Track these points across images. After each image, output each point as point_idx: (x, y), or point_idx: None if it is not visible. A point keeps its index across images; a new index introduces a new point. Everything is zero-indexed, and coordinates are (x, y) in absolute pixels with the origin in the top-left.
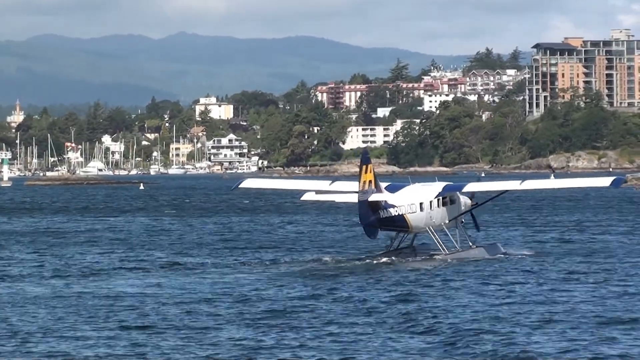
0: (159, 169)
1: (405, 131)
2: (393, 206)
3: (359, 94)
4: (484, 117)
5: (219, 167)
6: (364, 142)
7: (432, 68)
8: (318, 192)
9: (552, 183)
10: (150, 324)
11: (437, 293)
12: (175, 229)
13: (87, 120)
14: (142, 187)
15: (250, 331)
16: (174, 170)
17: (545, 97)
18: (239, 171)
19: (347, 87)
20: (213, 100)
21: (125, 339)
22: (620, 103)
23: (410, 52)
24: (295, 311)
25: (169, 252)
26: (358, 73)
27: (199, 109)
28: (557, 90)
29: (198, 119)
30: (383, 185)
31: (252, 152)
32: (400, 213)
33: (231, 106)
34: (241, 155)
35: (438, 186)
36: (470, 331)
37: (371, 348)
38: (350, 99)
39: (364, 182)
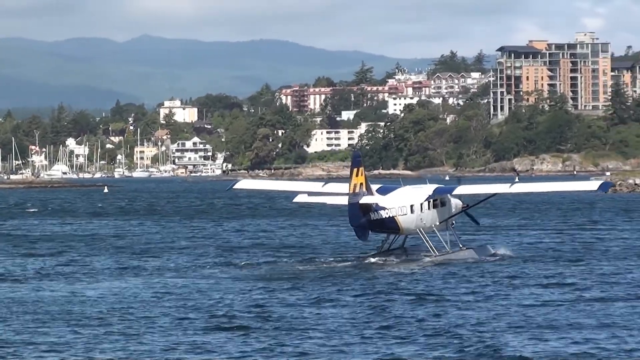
0: (123, 172)
1: (370, 134)
2: (384, 208)
3: (323, 97)
4: (448, 120)
5: (183, 171)
6: (328, 145)
7: (397, 71)
8: (310, 194)
9: (541, 187)
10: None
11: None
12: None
13: (51, 124)
14: (106, 190)
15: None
16: (138, 174)
17: (509, 100)
18: (203, 174)
19: (311, 90)
20: (177, 103)
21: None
22: (585, 106)
23: (375, 55)
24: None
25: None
26: (323, 76)
27: (163, 112)
28: (521, 93)
29: (162, 122)
30: (374, 187)
31: (217, 155)
32: (391, 215)
33: (195, 109)
34: (205, 158)
35: (429, 189)
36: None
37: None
38: (314, 102)
39: (355, 184)
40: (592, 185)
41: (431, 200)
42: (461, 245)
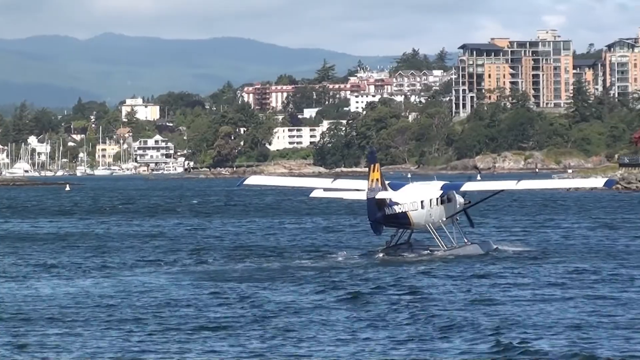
0: (85, 170)
1: (332, 132)
2: (397, 204)
3: (285, 94)
4: (410, 118)
5: (145, 168)
6: (290, 143)
7: (359, 69)
8: (326, 189)
9: (548, 183)
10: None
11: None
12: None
13: (12, 121)
14: (68, 188)
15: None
16: (100, 172)
17: (471, 97)
18: (165, 172)
19: (273, 88)
20: (139, 101)
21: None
22: (547, 104)
23: (337, 53)
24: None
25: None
26: (284, 74)
27: (125, 110)
28: (483, 91)
29: (124, 120)
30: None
31: (179, 153)
32: (404, 210)
33: (157, 107)
34: (167, 156)
35: (437, 185)
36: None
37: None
38: (276, 99)
39: (372, 180)
40: (598, 182)
41: (439, 196)
42: (466, 240)
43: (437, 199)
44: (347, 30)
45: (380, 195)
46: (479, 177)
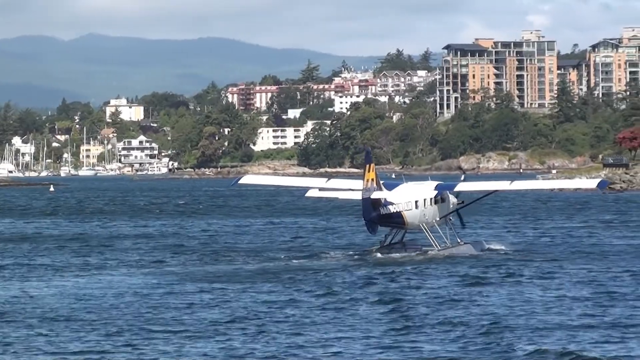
0: (70, 171)
1: (316, 132)
2: (392, 203)
3: (269, 95)
4: (394, 118)
5: (130, 169)
6: (274, 143)
7: (343, 69)
8: (322, 189)
9: (542, 184)
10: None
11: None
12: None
13: None
14: (52, 189)
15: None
16: (84, 172)
17: (455, 98)
18: (149, 173)
19: (257, 88)
20: (123, 101)
21: None
22: (531, 104)
23: (321, 53)
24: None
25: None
26: (269, 74)
27: (109, 110)
28: (467, 91)
29: (108, 120)
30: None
31: (163, 154)
32: (398, 210)
33: (141, 108)
34: (151, 156)
35: (431, 185)
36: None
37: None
38: (260, 100)
39: (367, 180)
40: (591, 183)
41: (433, 196)
42: (459, 240)
43: (431, 199)
44: (331, 31)
45: (376, 195)
46: (462, 178)
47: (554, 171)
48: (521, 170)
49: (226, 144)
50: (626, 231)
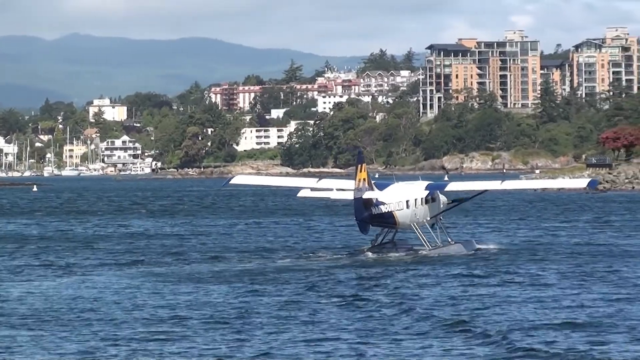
0: (53, 171)
1: (299, 132)
2: (383, 203)
3: (252, 95)
4: (377, 118)
5: (113, 169)
6: (257, 143)
7: (326, 69)
8: (313, 189)
9: (532, 183)
10: None
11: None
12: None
13: None
14: (35, 189)
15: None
16: (67, 172)
17: (439, 98)
18: (133, 173)
19: (241, 88)
20: (107, 101)
21: None
22: (514, 104)
23: (304, 54)
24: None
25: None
26: (252, 74)
27: (92, 110)
28: (451, 91)
29: (92, 120)
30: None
31: (146, 154)
32: (390, 210)
33: (125, 108)
34: (135, 157)
35: (422, 185)
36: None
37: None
38: (244, 100)
39: (359, 180)
40: (581, 182)
41: (424, 196)
42: (450, 240)
43: (422, 198)
44: (315, 31)
45: (367, 195)
46: (446, 178)
47: (537, 171)
48: (504, 170)
49: (209, 144)
50: (611, 231)
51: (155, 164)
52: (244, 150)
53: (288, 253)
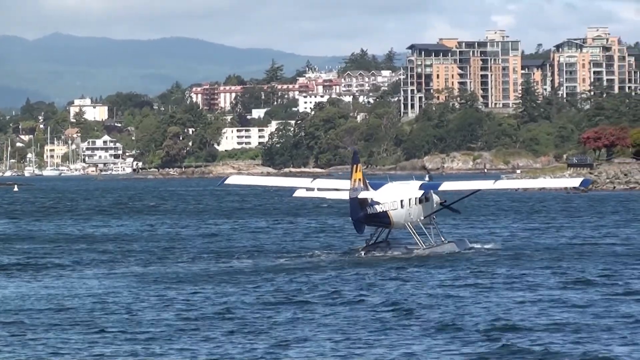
0: (34, 171)
1: (280, 132)
2: (378, 203)
3: (233, 95)
4: (359, 118)
5: (94, 169)
6: (239, 143)
7: (307, 69)
8: (308, 189)
9: (525, 183)
10: None
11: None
12: None
13: None
14: (16, 188)
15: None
16: (48, 172)
17: (420, 98)
18: (114, 173)
19: (222, 88)
20: (88, 101)
21: None
22: (495, 104)
23: (285, 53)
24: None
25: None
26: (233, 74)
27: (73, 110)
28: (432, 91)
29: (72, 120)
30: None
31: (127, 154)
32: (384, 210)
33: (106, 107)
34: (116, 156)
35: (416, 185)
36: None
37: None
38: (225, 100)
39: (354, 180)
40: (574, 182)
41: (418, 195)
42: (443, 239)
43: (416, 198)
44: (296, 31)
45: (363, 195)
46: (427, 178)
47: (518, 171)
48: (485, 170)
49: (190, 144)
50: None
51: (137, 164)
52: (225, 150)
53: (283, 253)
